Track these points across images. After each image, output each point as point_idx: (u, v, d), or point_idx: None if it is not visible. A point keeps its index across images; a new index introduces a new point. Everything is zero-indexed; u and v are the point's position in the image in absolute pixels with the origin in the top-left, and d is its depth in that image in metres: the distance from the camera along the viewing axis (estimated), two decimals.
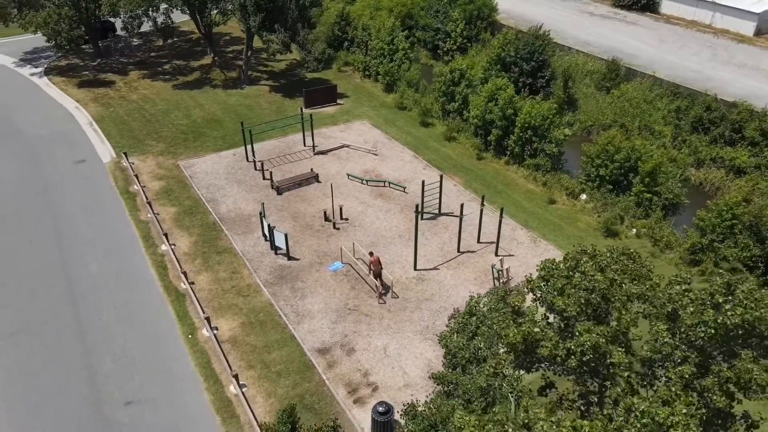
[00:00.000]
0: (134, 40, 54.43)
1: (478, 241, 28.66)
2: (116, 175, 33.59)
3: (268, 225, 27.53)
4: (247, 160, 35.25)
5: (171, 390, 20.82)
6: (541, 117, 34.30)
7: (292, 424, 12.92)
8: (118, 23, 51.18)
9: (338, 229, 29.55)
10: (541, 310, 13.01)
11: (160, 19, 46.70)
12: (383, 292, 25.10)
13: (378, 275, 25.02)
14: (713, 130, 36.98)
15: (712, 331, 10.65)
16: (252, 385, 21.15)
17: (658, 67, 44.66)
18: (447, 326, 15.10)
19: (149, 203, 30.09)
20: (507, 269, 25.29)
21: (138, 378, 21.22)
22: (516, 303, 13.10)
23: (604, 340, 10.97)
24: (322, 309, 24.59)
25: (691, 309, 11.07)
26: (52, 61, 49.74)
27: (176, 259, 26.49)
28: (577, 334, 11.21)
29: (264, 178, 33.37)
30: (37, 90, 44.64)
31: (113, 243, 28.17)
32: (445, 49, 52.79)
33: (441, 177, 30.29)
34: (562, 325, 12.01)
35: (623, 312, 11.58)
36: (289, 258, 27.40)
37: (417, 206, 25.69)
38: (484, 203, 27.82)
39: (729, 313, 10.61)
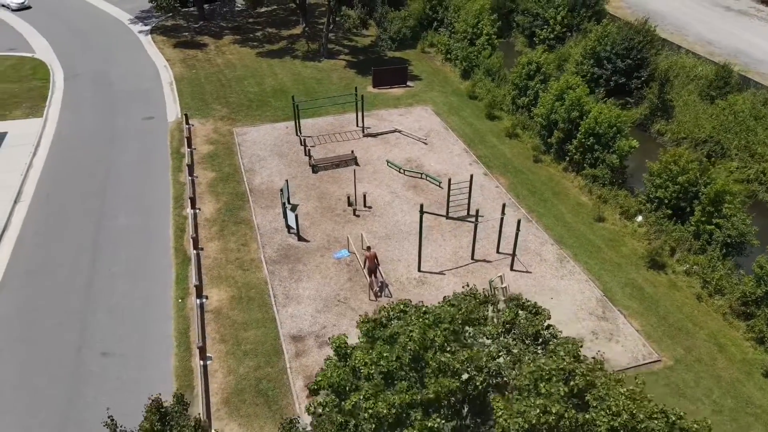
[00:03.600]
0: (238, 5, 56.76)
1: (497, 251, 26.62)
2: (174, 135, 35.48)
3: (283, 203, 27.61)
4: (297, 135, 35.52)
5: (144, 349, 21.80)
6: (608, 124, 30.73)
7: (162, 415, 12.84)
8: None
9: (358, 216, 28.92)
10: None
11: None
12: (376, 289, 24.23)
13: (372, 272, 24.15)
14: None
15: (525, 425, 8.63)
16: (217, 359, 21.54)
17: None
18: None
19: (189, 166, 31.44)
20: (506, 287, 23.20)
21: (121, 332, 22.46)
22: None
23: (393, 410, 9.34)
24: (311, 295, 24.31)
25: (518, 393, 9.06)
26: (160, 21, 53.37)
27: (192, 224, 27.49)
28: (360, 398, 9.70)
29: (305, 155, 33.46)
30: (138, 47, 48.22)
31: (147, 200, 29.87)
32: (542, 37, 49.18)
33: (471, 177, 28.35)
34: (382, 380, 10.47)
35: (431, 380, 9.80)
36: (300, 238, 27.34)
37: (421, 205, 24.25)
38: (505, 212, 25.63)
39: (536, 410, 8.46)
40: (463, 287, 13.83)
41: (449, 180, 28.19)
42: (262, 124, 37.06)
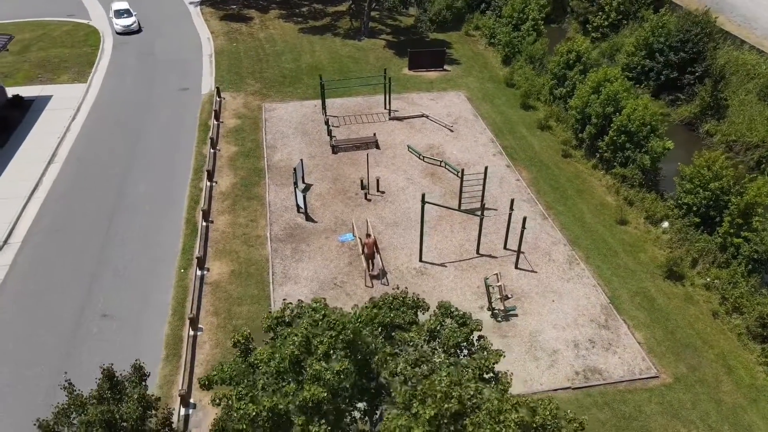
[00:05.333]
0: None
1: (505, 247, 25.79)
2: (204, 108, 36.16)
3: (294, 182, 27.72)
4: (324, 114, 35.44)
5: (141, 314, 22.57)
6: (640, 122, 28.94)
7: (113, 384, 13.26)
8: None
9: (369, 200, 28.68)
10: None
11: None
12: (374, 275, 24.04)
13: (370, 258, 23.95)
14: None
15: None
16: (208, 331, 22.04)
17: None
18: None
19: (212, 139, 32.04)
20: (501, 286, 22.42)
21: (123, 296, 23.34)
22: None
23: (264, 413, 9.06)
24: (309, 276, 24.41)
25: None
26: None
27: (206, 196, 28.09)
28: (235, 398, 9.48)
29: (328, 134, 33.37)
30: (186, 18, 49.25)
31: (169, 169, 30.67)
32: (595, 24, 46.75)
33: (486, 169, 27.41)
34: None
35: (307, 387, 9.40)
36: (308, 219, 27.43)
37: (423, 195, 23.69)
38: (513, 208, 24.67)
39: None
40: (393, 289, 13.39)
41: (462, 170, 27.44)
42: (291, 101, 37.20)
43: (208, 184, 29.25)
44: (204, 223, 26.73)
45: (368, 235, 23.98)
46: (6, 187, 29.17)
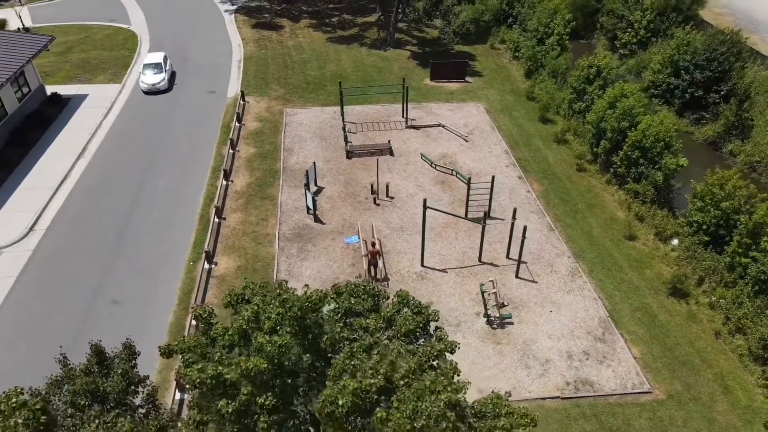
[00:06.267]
0: None
1: (507, 257, 25.90)
2: (228, 110, 37.44)
3: (305, 184, 28.49)
4: (342, 120, 36.25)
5: (149, 302, 23.57)
6: (654, 138, 28.71)
7: (100, 359, 14.06)
8: None
9: (378, 205, 29.21)
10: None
11: None
12: (378, 279, 24.47)
13: (373, 265, 24.39)
14: None
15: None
16: None
17: None
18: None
19: (232, 140, 33.18)
20: (496, 293, 22.54)
21: (134, 284, 24.42)
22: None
23: (208, 380, 9.57)
24: (312, 275, 25.01)
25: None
26: (246, 2, 56.09)
27: (220, 194, 29.12)
28: (183, 365, 10.01)
29: (345, 140, 34.12)
30: (221, 25, 51.04)
31: (188, 168, 31.88)
32: (623, 41, 46.47)
33: (493, 178, 27.62)
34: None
35: (253, 357, 9.86)
36: (316, 220, 28.12)
37: (425, 200, 24.06)
38: (515, 218, 24.81)
39: (322, 399, 8.10)
40: (356, 277, 13.88)
41: (469, 178, 27.74)
42: (312, 107, 38.17)
43: (224, 182, 30.29)
44: (216, 220, 27.70)
45: (373, 244, 24.39)
46: (37, 178, 30.85)
